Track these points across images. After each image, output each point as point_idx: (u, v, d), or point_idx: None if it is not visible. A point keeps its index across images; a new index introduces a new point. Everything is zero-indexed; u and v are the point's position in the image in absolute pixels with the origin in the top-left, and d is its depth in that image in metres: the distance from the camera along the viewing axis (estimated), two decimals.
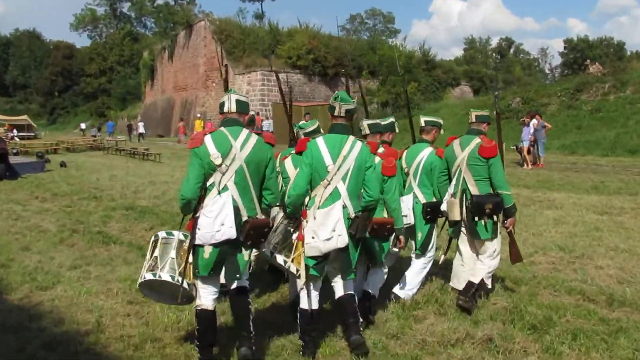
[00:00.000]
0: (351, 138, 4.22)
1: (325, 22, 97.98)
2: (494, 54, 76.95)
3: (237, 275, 3.96)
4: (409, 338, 4.64)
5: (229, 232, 3.79)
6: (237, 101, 4.06)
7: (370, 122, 5.20)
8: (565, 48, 64.97)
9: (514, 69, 60.60)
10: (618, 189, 12.55)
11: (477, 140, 5.37)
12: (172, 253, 4.03)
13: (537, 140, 18.79)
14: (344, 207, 4.14)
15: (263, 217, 4.01)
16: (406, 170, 5.86)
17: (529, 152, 18.87)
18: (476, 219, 5.31)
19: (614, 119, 24.20)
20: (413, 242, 5.70)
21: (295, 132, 5.57)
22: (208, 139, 3.90)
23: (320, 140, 4.23)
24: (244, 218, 3.91)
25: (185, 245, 3.98)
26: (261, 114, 35.00)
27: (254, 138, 4.00)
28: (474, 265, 5.47)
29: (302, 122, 5.66)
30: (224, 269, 3.97)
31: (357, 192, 4.19)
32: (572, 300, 5.43)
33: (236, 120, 4.03)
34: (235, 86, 38.64)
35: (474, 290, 5.38)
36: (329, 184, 4.16)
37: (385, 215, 4.83)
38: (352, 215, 4.14)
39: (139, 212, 10.25)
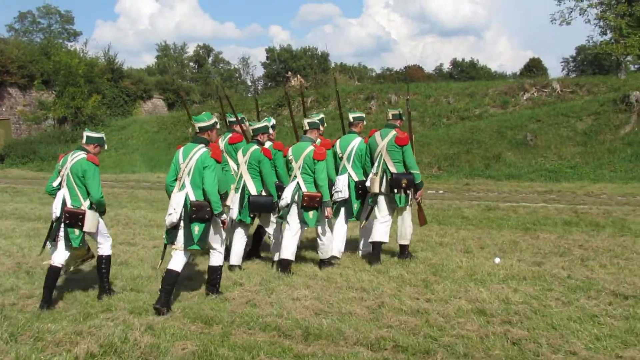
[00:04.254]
0: (199, 146, 7.09)
1: None
2: (190, 63, 79.74)
3: (70, 244, 7.27)
4: None
5: (56, 213, 7.25)
6: (86, 136, 7.54)
7: (309, 120, 8.69)
8: (267, 58, 71.37)
9: (213, 80, 64.03)
10: None
11: (393, 132, 8.85)
12: None
13: None
14: (187, 195, 6.94)
15: (82, 208, 7.24)
16: (340, 155, 9.29)
17: None
18: (395, 191, 8.67)
19: None
20: (346, 212, 9.15)
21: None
22: (62, 157, 7.48)
23: (182, 148, 7.23)
24: (67, 206, 7.23)
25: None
26: None
27: (80, 156, 7.34)
28: (398, 226, 9.01)
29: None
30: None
31: (200, 184, 6.96)
32: (267, 337, 5.86)
33: (82, 147, 7.48)
34: None
35: (407, 251, 9.06)
36: (181, 177, 7.05)
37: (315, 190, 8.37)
38: (193, 199, 6.91)
39: None
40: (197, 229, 6.91)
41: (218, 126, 8.72)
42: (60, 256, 7.30)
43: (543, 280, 7.68)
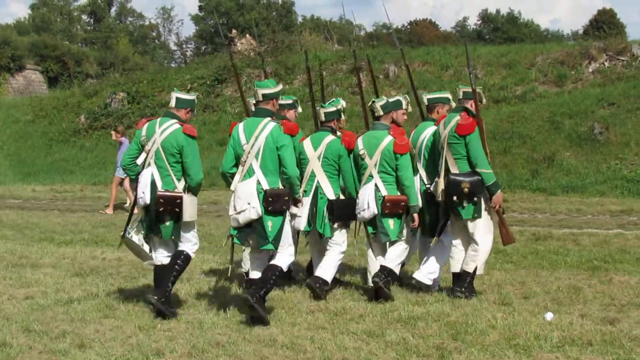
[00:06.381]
0: (265, 120, 8.52)
1: None
2: (83, 16, 79.30)
3: (160, 236, 8.89)
4: None
5: (145, 198, 8.71)
6: (177, 98, 8.94)
7: (383, 102, 9.97)
8: (200, 9, 71.26)
9: (118, 41, 63.76)
10: None
11: (457, 117, 9.59)
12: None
13: None
14: (258, 182, 8.43)
15: (178, 191, 8.74)
16: (413, 152, 10.21)
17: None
18: (455, 198, 9.44)
19: None
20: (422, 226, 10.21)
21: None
22: (145, 125, 8.93)
23: (241, 124, 8.69)
24: (159, 190, 8.65)
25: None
26: None
27: (174, 127, 8.65)
28: (467, 250, 9.78)
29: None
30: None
31: (272, 168, 8.48)
32: None
33: (172, 113, 8.87)
34: None
35: (470, 279, 9.75)
36: (245, 161, 8.49)
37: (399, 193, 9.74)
38: (267, 187, 8.41)
39: None
40: (270, 224, 8.48)
41: (300, 108, 11.01)
42: (163, 254, 9.05)
43: (618, 345, 7.70)
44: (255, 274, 8.85)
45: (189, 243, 9.09)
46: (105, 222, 18.40)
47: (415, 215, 9.87)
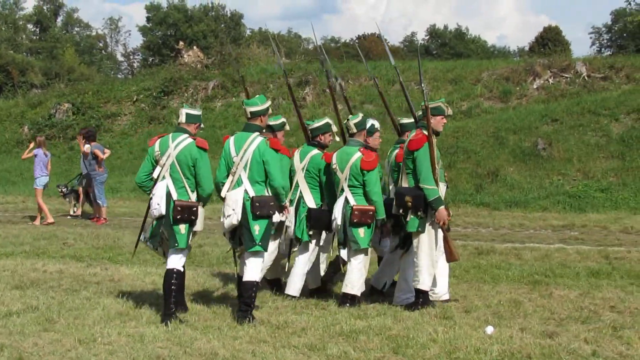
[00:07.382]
0: (254, 135, 9.29)
1: None
2: (28, 25, 78.39)
3: (176, 245, 9.23)
4: None
5: (160, 209, 9.23)
6: (187, 114, 9.45)
7: (356, 120, 10.49)
8: (148, 20, 70.72)
9: (64, 51, 63.08)
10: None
11: (413, 134, 10.20)
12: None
13: (91, 178, 20.57)
14: (245, 191, 9.20)
15: (193, 200, 9.28)
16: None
17: (87, 197, 20.84)
18: (400, 211, 9.96)
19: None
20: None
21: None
22: (157, 141, 9.48)
23: (232, 137, 9.47)
24: (175, 199, 9.15)
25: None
26: None
27: (187, 141, 9.24)
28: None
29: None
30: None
31: (258, 178, 9.26)
32: None
33: (183, 128, 9.42)
34: None
35: (424, 295, 10.01)
36: (234, 172, 9.26)
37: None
38: (253, 194, 9.17)
39: None
40: (257, 228, 9.21)
41: (287, 127, 11.19)
42: (176, 259, 9.37)
43: (557, 359, 7.82)
44: (249, 277, 9.34)
45: (182, 258, 9.47)
46: (47, 234, 18.14)
47: (387, 226, 10.48)
